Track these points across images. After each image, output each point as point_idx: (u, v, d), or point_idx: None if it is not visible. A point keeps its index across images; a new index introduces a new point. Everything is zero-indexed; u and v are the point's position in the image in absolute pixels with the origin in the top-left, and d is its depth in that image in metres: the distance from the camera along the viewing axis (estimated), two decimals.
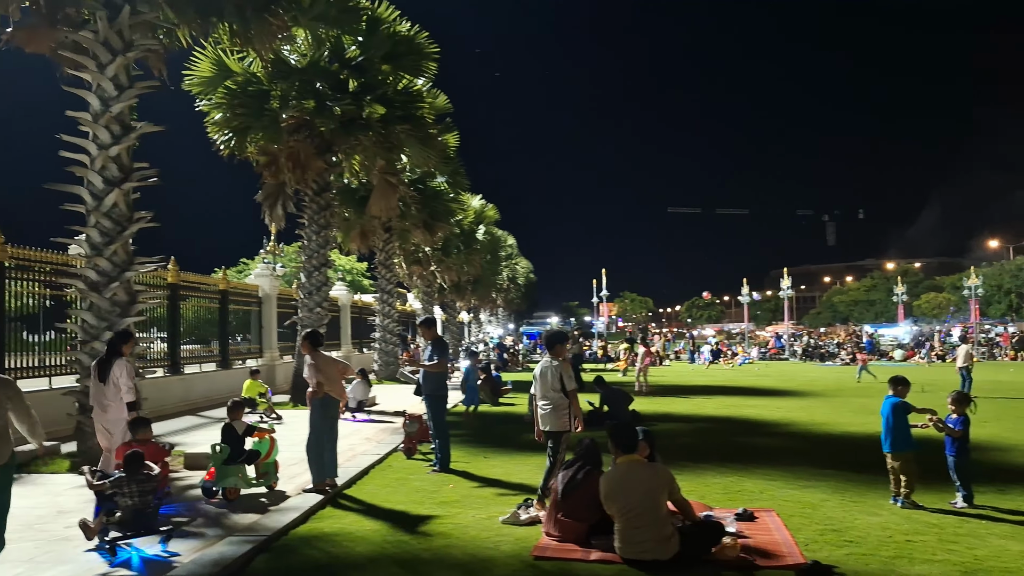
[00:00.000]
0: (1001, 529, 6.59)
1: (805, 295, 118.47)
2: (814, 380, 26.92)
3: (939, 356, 42.51)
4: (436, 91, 19.53)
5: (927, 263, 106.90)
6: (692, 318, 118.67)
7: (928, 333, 53.35)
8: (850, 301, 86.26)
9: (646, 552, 5.68)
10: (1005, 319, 60.66)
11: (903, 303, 58.40)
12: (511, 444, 11.93)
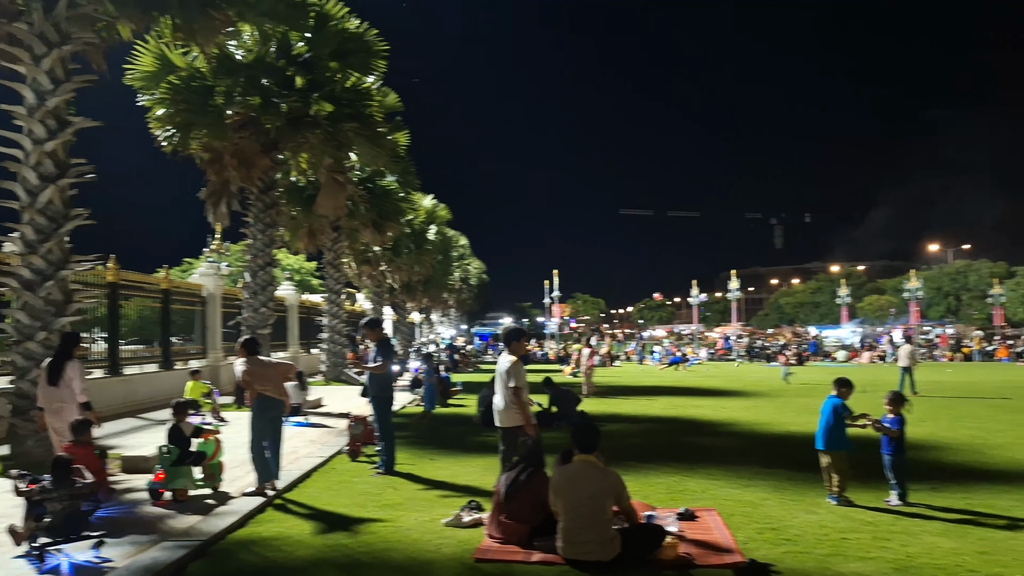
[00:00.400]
0: (934, 527, 6.74)
1: (753, 297, 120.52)
2: (759, 380, 27.32)
3: (880, 357, 43.60)
4: (386, 89, 19.36)
5: (871, 266, 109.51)
6: (644, 319, 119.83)
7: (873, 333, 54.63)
8: (796, 303, 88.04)
9: (588, 553, 5.68)
10: (944, 321, 62.50)
11: (847, 305, 59.76)
12: (459, 446, 11.87)
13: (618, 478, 6.00)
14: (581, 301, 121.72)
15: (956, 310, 65.18)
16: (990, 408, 16.95)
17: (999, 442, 11.80)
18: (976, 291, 62.21)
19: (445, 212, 37.98)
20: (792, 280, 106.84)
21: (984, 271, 62.85)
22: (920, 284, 53.50)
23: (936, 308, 65.70)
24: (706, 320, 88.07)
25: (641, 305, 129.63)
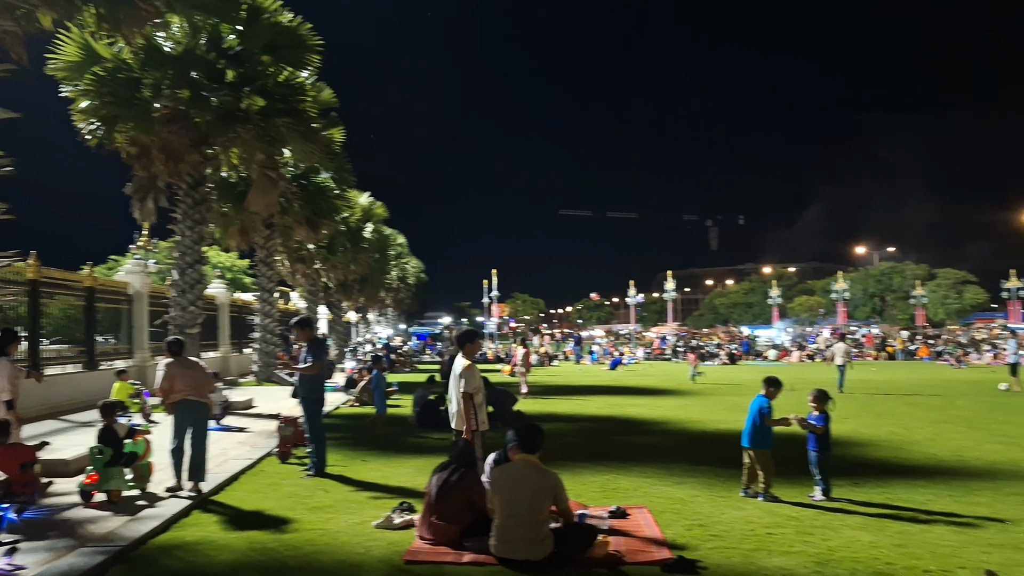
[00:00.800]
0: (854, 521, 6.92)
1: (689, 297, 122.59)
2: (694, 380, 27.74)
3: (809, 356, 44.78)
4: (321, 84, 19.01)
5: (801, 267, 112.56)
6: (582, 319, 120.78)
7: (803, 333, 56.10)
8: (730, 303, 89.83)
9: (519, 552, 5.67)
10: (870, 321, 64.57)
11: (778, 306, 61.21)
12: (392, 447, 11.74)
13: (556, 479, 6.01)
14: (520, 301, 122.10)
15: (881, 310, 67.37)
16: (910, 405, 17.55)
17: (917, 438, 12.22)
18: (900, 292, 64.40)
19: (382, 210, 37.58)
20: (726, 281, 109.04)
21: (908, 273, 65.08)
22: (847, 285, 55.23)
23: (862, 309, 67.77)
24: (643, 320, 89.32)
25: (580, 305, 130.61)
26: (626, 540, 6.27)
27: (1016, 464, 9.82)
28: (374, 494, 8.27)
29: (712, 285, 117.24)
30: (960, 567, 5.52)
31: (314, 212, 24.04)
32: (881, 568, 5.52)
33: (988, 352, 40.19)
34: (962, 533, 6.46)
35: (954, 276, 63.31)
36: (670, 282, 52.19)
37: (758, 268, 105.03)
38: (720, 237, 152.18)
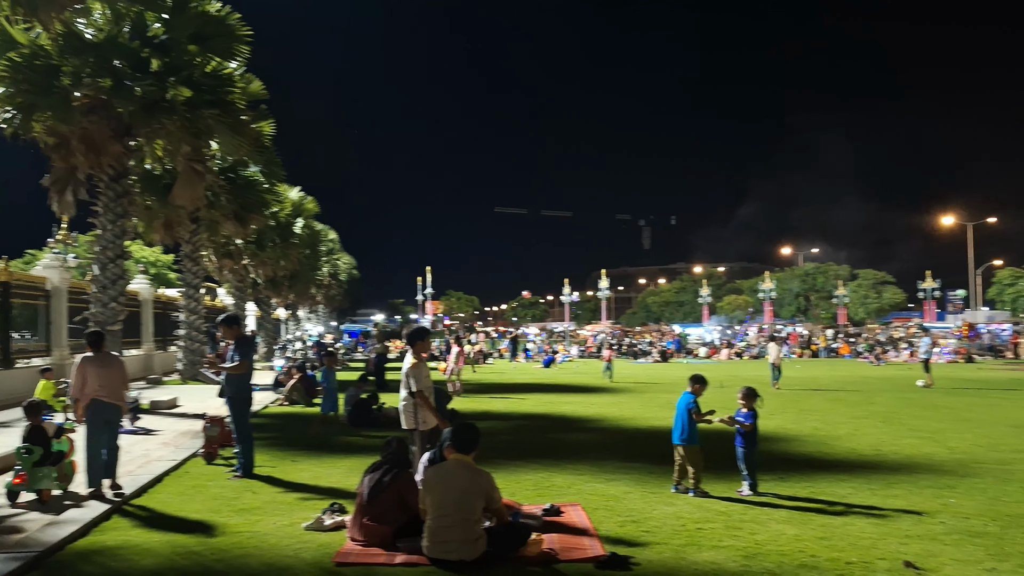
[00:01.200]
0: (780, 515, 7.08)
1: (623, 296, 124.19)
2: (627, 377, 28.13)
3: (737, 354, 45.83)
4: (250, 76, 18.54)
5: (730, 267, 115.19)
6: (517, 317, 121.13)
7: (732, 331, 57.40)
8: (662, 302, 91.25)
9: (452, 552, 5.63)
10: (795, 320, 66.44)
11: (708, 304, 62.47)
12: (323, 447, 11.56)
13: (490, 479, 5.98)
14: (455, 298, 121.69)
15: (806, 309, 69.41)
16: (832, 402, 18.09)
17: (839, 434, 12.60)
18: (824, 292, 66.41)
19: (313, 205, 36.97)
20: (659, 280, 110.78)
21: (831, 273, 67.18)
22: (774, 285, 56.68)
23: (788, 308, 69.70)
24: (577, 318, 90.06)
25: (515, 303, 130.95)
26: (560, 538, 6.29)
27: (930, 458, 10.21)
28: (304, 495, 8.12)
29: (645, 284, 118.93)
30: (880, 558, 5.70)
31: (242, 206, 23.46)
32: (806, 560, 5.66)
33: (905, 350, 41.76)
34: (881, 525, 6.67)
35: (874, 276, 65.63)
36: (604, 281, 52.80)
37: (689, 268, 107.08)
38: (653, 237, 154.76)
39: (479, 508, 5.84)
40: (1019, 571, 5.40)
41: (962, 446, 11.17)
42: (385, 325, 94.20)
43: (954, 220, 58.43)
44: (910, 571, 5.39)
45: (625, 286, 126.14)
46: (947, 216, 59.27)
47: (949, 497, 7.77)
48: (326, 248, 50.75)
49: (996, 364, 37.37)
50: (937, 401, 18.07)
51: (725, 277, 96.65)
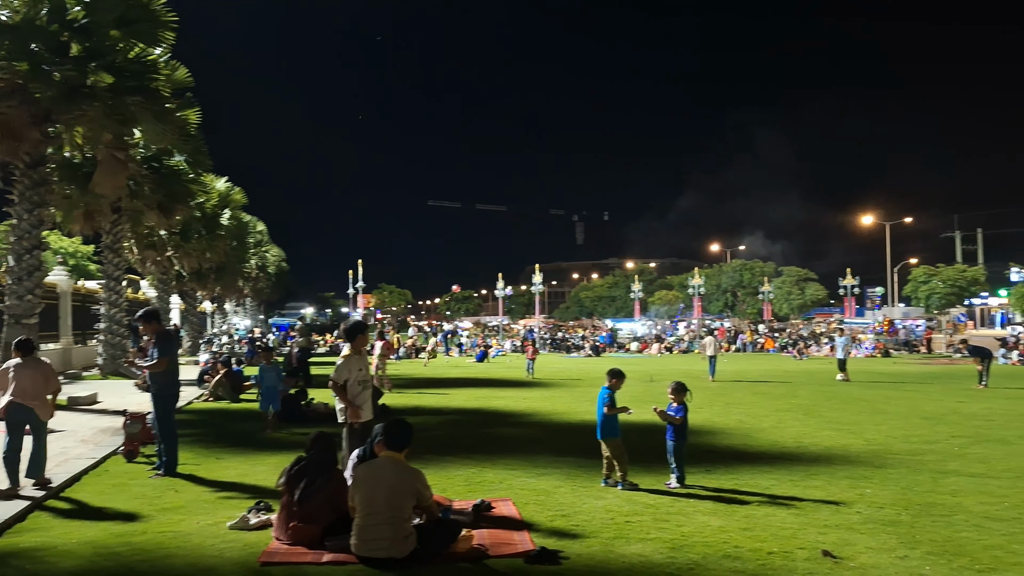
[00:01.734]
0: (705, 506, 7.26)
1: (556, 290, 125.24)
2: (559, 371, 28.35)
3: (668, 348, 46.66)
4: (176, 63, 17.98)
5: (662, 263, 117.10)
6: (451, 311, 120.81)
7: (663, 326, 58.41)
8: (595, 297, 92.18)
9: (381, 550, 5.59)
10: (722, 315, 67.99)
11: (639, 300, 63.39)
12: (249, 444, 11.34)
13: (420, 476, 5.96)
14: (387, 292, 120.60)
15: (733, 305, 71.05)
16: (757, 395, 18.58)
17: (763, 426, 12.97)
18: (750, 288, 68.08)
19: (240, 196, 36.12)
20: (592, 275, 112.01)
21: (757, 270, 68.89)
22: (702, 281, 57.77)
23: (716, 303, 71.24)
24: (511, 312, 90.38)
25: (448, 297, 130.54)
26: (490, 533, 6.31)
27: (848, 449, 10.59)
28: (229, 493, 7.97)
29: (578, 279, 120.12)
30: (799, 548, 5.89)
31: (167, 197, 22.76)
32: (729, 551, 5.81)
33: (827, 345, 43.14)
34: (801, 515, 6.89)
35: (797, 273, 67.48)
36: (537, 276, 53.04)
37: (622, 263, 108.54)
38: (586, 232, 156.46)
39: (409, 506, 5.81)
40: (928, 558, 5.64)
41: (878, 438, 11.61)
42: (314, 319, 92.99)
43: (873, 220, 60.56)
44: (827, 560, 5.58)
45: (559, 281, 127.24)
46: (867, 216, 61.41)
47: (865, 487, 8.07)
48: (254, 240, 49.74)
49: (911, 358, 38.95)
50: (855, 394, 18.74)
51: (656, 272, 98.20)
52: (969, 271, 52.11)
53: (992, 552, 5.77)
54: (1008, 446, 10.81)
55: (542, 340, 50.97)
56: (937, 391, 19.59)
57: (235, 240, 37.80)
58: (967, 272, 51.56)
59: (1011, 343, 36.61)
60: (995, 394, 18.60)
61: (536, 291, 54.72)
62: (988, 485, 8.17)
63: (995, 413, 14.61)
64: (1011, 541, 6.04)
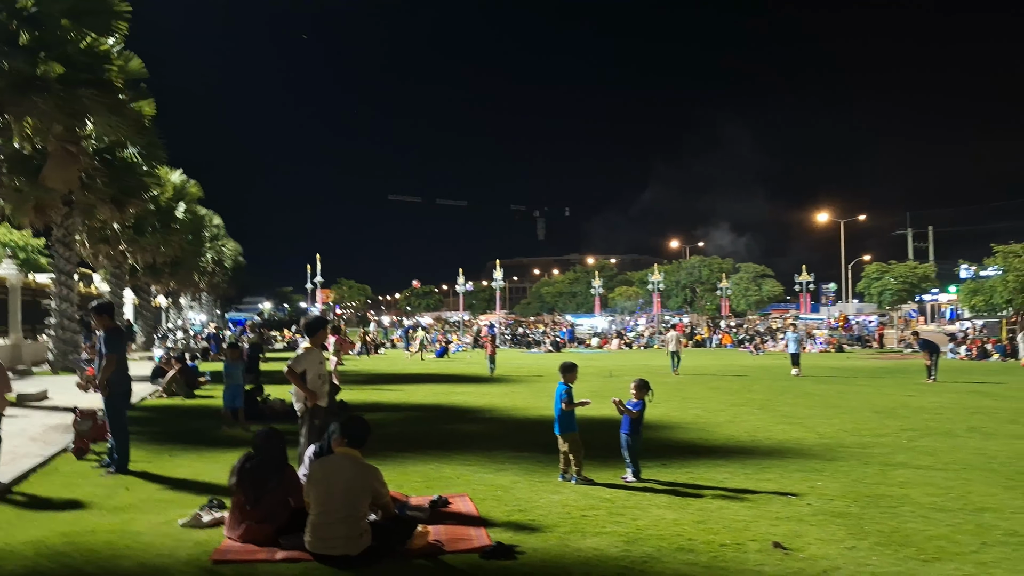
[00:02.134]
0: (661, 500, 7.34)
1: (517, 286, 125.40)
2: (519, 367, 28.44)
3: (627, 344, 47.03)
4: (129, 54, 17.62)
5: (622, 259, 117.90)
6: (411, 306, 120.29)
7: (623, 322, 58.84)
8: (556, 292, 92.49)
9: (337, 547, 5.55)
10: (681, 311, 68.69)
11: (600, 295, 63.78)
12: (203, 440, 11.18)
13: (377, 473, 5.94)
14: (347, 287, 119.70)
15: (691, 301, 71.82)
16: (713, 390, 18.84)
17: (719, 420, 13.15)
18: (708, 284, 68.86)
19: (196, 189, 35.59)
20: (553, 271, 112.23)
21: (715, 266, 69.69)
22: (662, 277, 58.32)
23: (675, 299, 71.94)
24: (472, 308, 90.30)
25: (408, 292, 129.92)
26: (447, 529, 6.31)
27: (800, 443, 10.78)
28: (181, 491, 7.86)
29: (539, 274, 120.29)
30: (751, 540, 5.98)
31: (120, 190, 22.30)
32: (683, 544, 5.88)
33: (782, 340, 43.85)
34: (754, 508, 7.01)
35: (755, 270, 68.44)
36: (498, 271, 53.10)
37: (583, 259, 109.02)
38: (548, 228, 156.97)
39: (365, 503, 5.79)
40: (875, 548, 5.78)
41: (829, 431, 11.84)
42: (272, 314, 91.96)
43: (829, 217, 61.66)
44: (778, 551, 5.69)
45: (520, 276, 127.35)
46: (823, 213, 62.50)
47: (816, 480, 8.23)
48: (210, 234, 49.04)
49: (864, 353, 39.79)
50: (809, 389, 19.09)
51: (617, 268, 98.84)
52: (920, 268, 53.29)
53: (936, 542, 5.91)
54: (954, 439, 11.10)
55: (502, 336, 51.07)
56: (888, 386, 20.03)
57: (190, 234, 37.25)
58: (918, 269, 52.71)
59: (960, 338, 37.58)
60: (944, 388, 19.09)
61: (497, 286, 54.84)
62: (934, 477, 8.37)
63: (943, 407, 14.98)
64: (955, 531, 6.20)
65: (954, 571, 5.27)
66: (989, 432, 11.67)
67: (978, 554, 5.63)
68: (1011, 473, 8.55)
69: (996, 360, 31.72)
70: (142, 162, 23.25)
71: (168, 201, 31.13)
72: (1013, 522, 6.48)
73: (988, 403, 15.67)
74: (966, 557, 5.57)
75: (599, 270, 77.95)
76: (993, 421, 12.91)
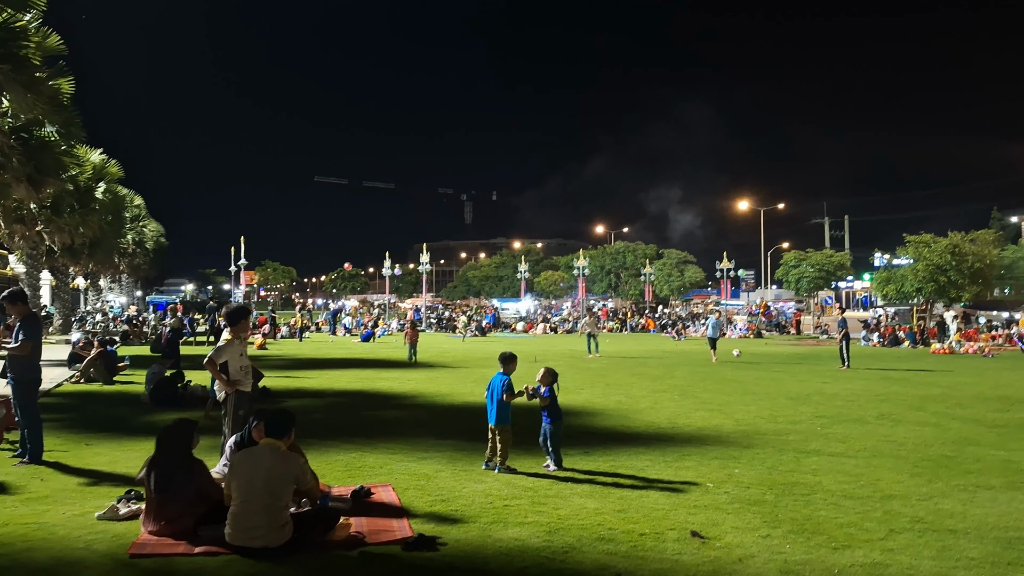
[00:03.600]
0: (582, 489, 7.46)
1: (444, 269, 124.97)
2: (444, 352, 28.41)
3: (552, 328, 47.44)
4: (47, 29, 16.77)
5: (548, 243, 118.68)
6: (337, 289, 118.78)
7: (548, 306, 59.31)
8: (483, 276, 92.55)
9: (257, 539, 5.49)
10: (606, 295, 69.64)
11: (525, 280, 64.11)
12: (121, 428, 10.88)
13: (299, 464, 5.88)
14: (271, 269, 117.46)
15: (616, 286, 72.84)
16: (635, 376, 19.17)
17: (640, 407, 13.41)
18: (632, 270, 69.92)
19: (116, 169, 34.32)
20: (480, 254, 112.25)
21: (639, 252, 70.78)
22: (587, 262, 58.98)
23: (600, 284, 72.84)
24: (399, 291, 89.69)
25: (334, 275, 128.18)
26: (369, 520, 6.29)
27: (718, 430, 11.09)
28: (98, 482, 7.65)
29: (466, 258, 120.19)
30: (670, 528, 6.14)
31: (36, 169, 21.24)
32: (603, 533, 6.00)
33: (703, 325, 44.91)
34: (673, 496, 7.19)
35: (677, 256, 69.77)
36: (425, 254, 52.81)
37: (509, 243, 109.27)
38: (475, 211, 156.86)
39: (288, 493, 5.74)
40: (789, 536, 5.99)
41: (747, 418, 12.21)
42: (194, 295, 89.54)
43: (749, 206, 63.27)
44: (695, 540, 5.86)
45: (447, 260, 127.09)
46: (743, 201, 64.09)
47: (733, 467, 8.49)
48: (131, 214, 47.45)
49: (781, 339, 41.08)
50: (727, 375, 19.62)
51: (543, 253, 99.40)
52: (836, 256, 55.26)
53: (846, 530, 6.17)
54: (865, 425, 11.57)
55: (428, 321, 50.97)
56: (803, 372, 20.74)
57: (110, 215, 36.01)
58: (834, 257, 54.65)
59: (872, 324, 39.14)
60: (856, 375, 19.87)
61: (423, 270, 54.52)
62: (845, 464, 8.72)
63: (855, 394, 15.59)
64: (864, 519, 6.47)
65: (862, 558, 5.50)
66: (897, 419, 12.20)
67: (885, 541, 5.89)
68: (917, 460, 8.97)
69: (907, 347, 33.16)
70: (60, 141, 22.23)
71: (87, 181, 29.96)
72: (918, 509, 6.80)
73: (897, 389, 16.37)
74: (874, 544, 5.82)
75: (525, 254, 78.19)
76: (901, 408, 13.51)
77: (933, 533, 6.07)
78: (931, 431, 11.04)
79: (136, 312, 47.03)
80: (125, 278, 62.03)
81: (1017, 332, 33.80)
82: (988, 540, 5.90)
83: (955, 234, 41.84)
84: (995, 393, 15.76)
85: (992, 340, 33.62)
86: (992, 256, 43.09)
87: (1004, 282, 52.98)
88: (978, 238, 44.61)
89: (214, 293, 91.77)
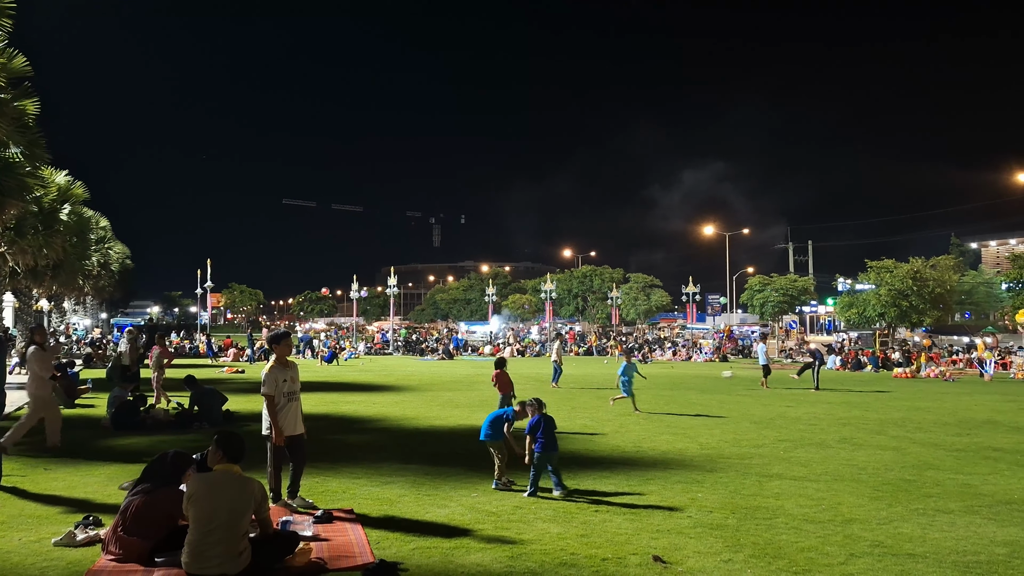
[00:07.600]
0: (546, 513, 7.45)
1: (413, 292, 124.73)
2: (411, 375, 28.27)
3: (520, 351, 47.42)
4: (12, 50, 16.53)
5: (516, 267, 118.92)
6: (304, 311, 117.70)
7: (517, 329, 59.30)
8: (451, 299, 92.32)
9: (214, 567, 5.40)
10: (573, 319, 69.79)
11: (493, 303, 64.10)
12: (80, 453, 10.64)
13: (259, 488, 5.81)
14: (238, 291, 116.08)
15: (583, 309, 73.05)
16: (601, 399, 19.16)
17: (605, 431, 13.44)
18: (599, 293, 70.20)
19: (81, 191, 33.76)
20: (448, 277, 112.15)
21: (606, 276, 71.12)
22: (554, 286, 59.14)
23: (567, 307, 73.01)
24: (366, 314, 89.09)
25: (301, 297, 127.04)
26: (330, 546, 6.24)
27: (683, 453, 11.15)
28: (55, 507, 7.50)
29: (434, 281, 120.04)
30: (632, 553, 6.16)
31: None
32: (566, 559, 6.00)
33: (670, 349, 45.20)
34: (636, 520, 7.20)
35: (644, 280, 70.20)
36: (392, 278, 52.66)
37: (477, 266, 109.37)
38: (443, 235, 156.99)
39: (247, 520, 5.66)
40: (750, 561, 6.04)
41: (711, 442, 12.28)
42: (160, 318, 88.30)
43: (714, 231, 64.02)
44: (657, 565, 5.88)
45: (415, 283, 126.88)
46: (708, 226, 64.86)
47: (697, 491, 8.53)
48: (96, 236, 46.63)
49: (745, 363, 41.39)
50: (692, 399, 19.74)
51: (511, 276, 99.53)
52: (800, 281, 55.91)
53: (807, 554, 6.22)
54: (827, 449, 11.70)
55: (395, 344, 50.75)
56: (768, 396, 20.93)
57: (75, 236, 35.36)
58: (798, 282, 55.29)
59: (836, 348, 39.64)
60: (819, 398, 20.12)
61: (391, 293, 54.34)
62: (807, 488, 8.80)
63: (817, 417, 15.78)
64: (824, 543, 6.53)
65: None
66: (858, 443, 12.35)
67: (845, 565, 5.94)
68: (877, 484, 9.09)
69: (869, 371, 33.60)
70: (24, 162, 21.87)
71: (51, 202, 29.39)
72: (878, 533, 6.89)
73: (858, 414, 16.59)
74: (834, 568, 5.87)
75: (493, 278, 78.23)
76: (862, 432, 13.69)
77: (892, 557, 6.15)
78: (891, 455, 11.20)
79: (100, 335, 46.20)
80: (90, 300, 60.88)
81: (977, 357, 34.47)
82: (946, 564, 5.98)
83: (916, 260, 42.66)
84: (955, 418, 16.04)
85: (953, 364, 34.23)
86: (952, 282, 44.01)
87: (964, 307, 54.06)
88: (938, 264, 45.57)
89: (151, 316, 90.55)
